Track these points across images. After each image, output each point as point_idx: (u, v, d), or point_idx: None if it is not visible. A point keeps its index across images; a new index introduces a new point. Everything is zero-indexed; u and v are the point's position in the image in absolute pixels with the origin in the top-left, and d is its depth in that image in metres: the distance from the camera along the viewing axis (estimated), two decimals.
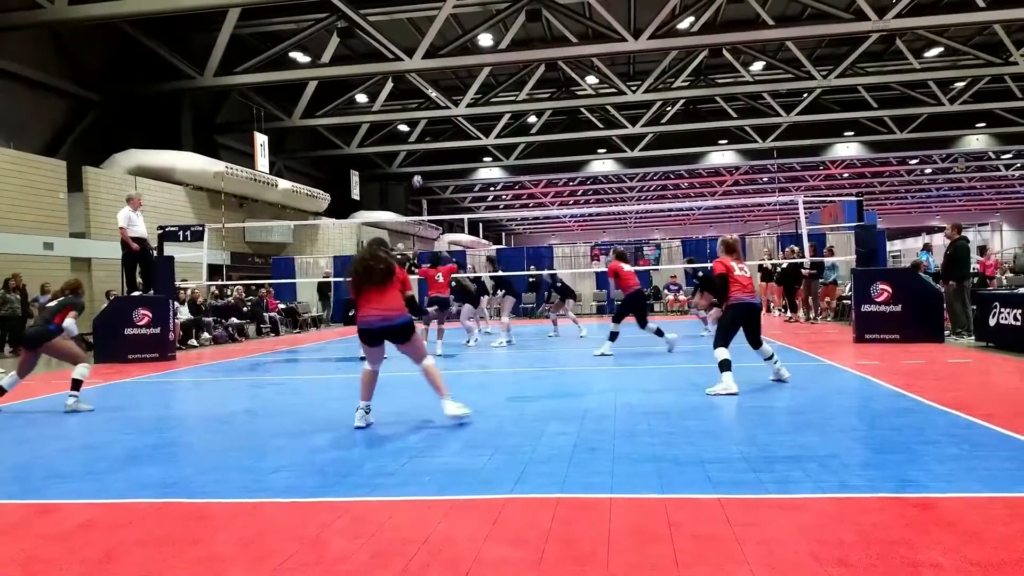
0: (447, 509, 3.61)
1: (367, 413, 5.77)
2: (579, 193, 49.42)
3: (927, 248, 17.40)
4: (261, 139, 25.23)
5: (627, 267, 10.80)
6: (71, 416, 6.87)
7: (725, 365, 6.91)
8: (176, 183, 21.23)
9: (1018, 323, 9.32)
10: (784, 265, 16.90)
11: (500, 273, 15.23)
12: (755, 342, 7.42)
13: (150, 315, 11.89)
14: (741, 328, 7.25)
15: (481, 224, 56.45)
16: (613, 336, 10.59)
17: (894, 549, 2.88)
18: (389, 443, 5.15)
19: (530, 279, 22.34)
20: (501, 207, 50.58)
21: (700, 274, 14.18)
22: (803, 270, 16.31)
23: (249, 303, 18.75)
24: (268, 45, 21.23)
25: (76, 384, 7.20)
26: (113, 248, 14.58)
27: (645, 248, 25.48)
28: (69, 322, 7.32)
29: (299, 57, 22.65)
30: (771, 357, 7.46)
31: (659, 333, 10.69)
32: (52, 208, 16.96)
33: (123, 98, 21.01)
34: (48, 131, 19.11)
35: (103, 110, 20.58)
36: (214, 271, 20.04)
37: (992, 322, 9.90)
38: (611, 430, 5.32)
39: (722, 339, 7.10)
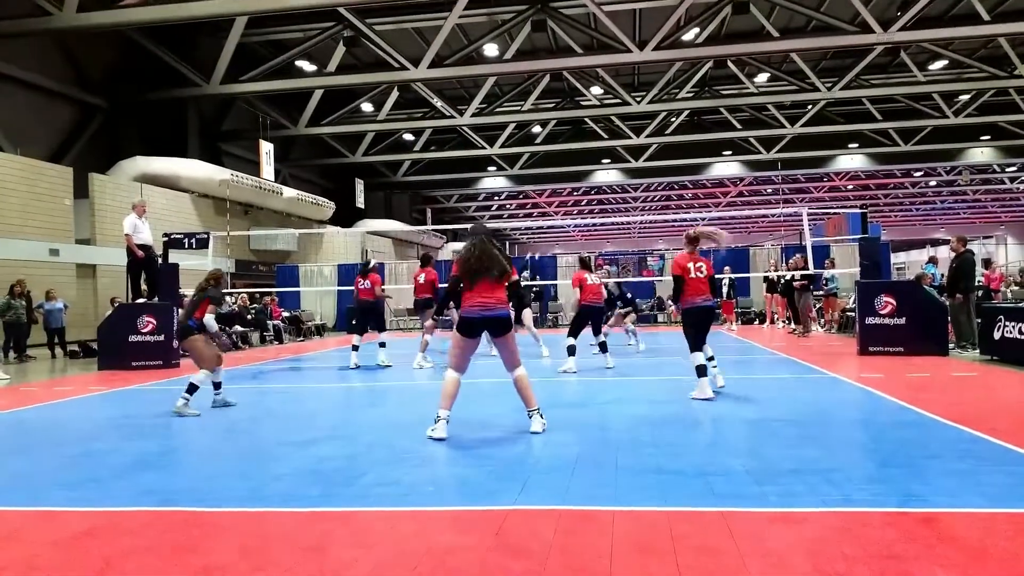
0: (450, 520, 3.60)
1: (447, 423, 5.55)
2: (583, 203, 49.44)
3: (932, 261, 17.37)
4: (266, 147, 25.33)
5: (592, 279, 10.15)
6: (73, 423, 6.87)
7: (701, 371, 7.15)
8: (181, 190, 21.32)
9: (1023, 337, 9.29)
10: (788, 277, 16.85)
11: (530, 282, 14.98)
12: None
13: (154, 322, 11.90)
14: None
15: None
16: (572, 350, 9.88)
17: (897, 564, 2.86)
18: (392, 452, 5.14)
19: (534, 289, 22.35)
20: (505, 216, 50.61)
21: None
22: (795, 282, 16.31)
23: (253, 311, 18.77)
24: (274, 53, 21.35)
25: (192, 388, 7.11)
26: (119, 255, 14.62)
27: (649, 259, 25.48)
28: (209, 318, 7.30)
29: (305, 66, 22.76)
30: (711, 358, 7.65)
31: (603, 348, 10.36)
32: (58, 214, 17.03)
33: (129, 105, 21.13)
34: (55, 137, 19.22)
35: (109, 116, 20.71)
36: None
37: (997, 335, 9.86)
38: (614, 441, 5.31)
39: (692, 344, 7.24)
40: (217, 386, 7.43)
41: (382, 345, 11.51)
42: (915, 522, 3.36)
